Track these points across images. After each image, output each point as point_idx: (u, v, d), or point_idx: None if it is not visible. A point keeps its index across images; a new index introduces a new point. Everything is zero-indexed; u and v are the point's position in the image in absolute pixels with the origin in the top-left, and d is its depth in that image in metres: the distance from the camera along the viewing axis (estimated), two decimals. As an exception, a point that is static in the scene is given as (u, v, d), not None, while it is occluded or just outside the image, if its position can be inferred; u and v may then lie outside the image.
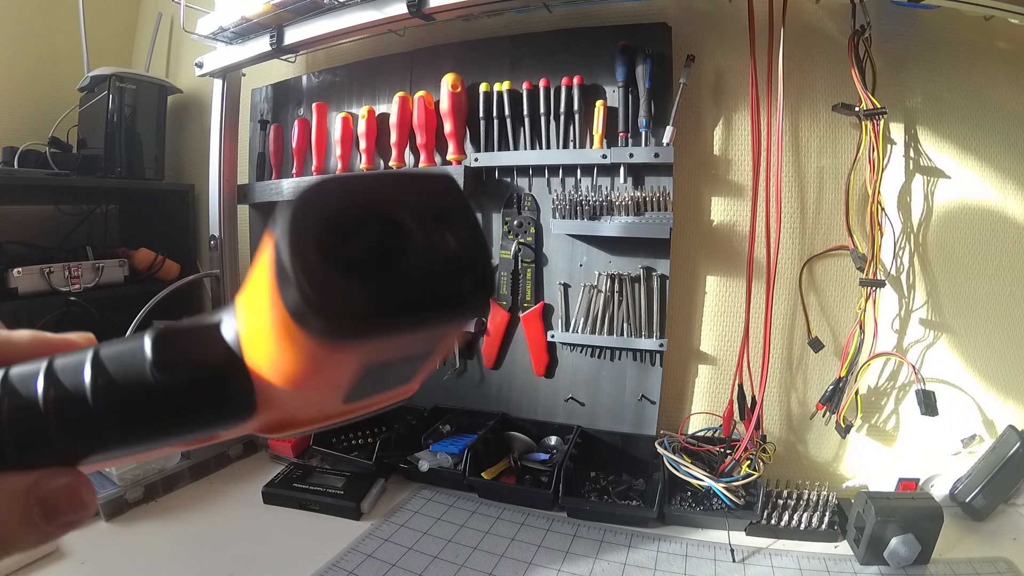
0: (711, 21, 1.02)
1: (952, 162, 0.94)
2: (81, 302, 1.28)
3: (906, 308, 0.98)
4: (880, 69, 0.92)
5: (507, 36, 1.12)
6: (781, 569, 0.77)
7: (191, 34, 1.21)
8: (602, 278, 1.05)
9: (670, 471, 0.92)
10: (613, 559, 0.80)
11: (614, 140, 1.02)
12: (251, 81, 1.37)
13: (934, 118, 0.95)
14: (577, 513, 0.91)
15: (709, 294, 1.07)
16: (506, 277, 1.12)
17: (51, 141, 1.38)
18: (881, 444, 1.01)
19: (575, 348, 1.10)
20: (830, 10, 0.96)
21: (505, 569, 0.78)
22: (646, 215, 1.00)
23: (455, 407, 1.19)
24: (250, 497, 0.95)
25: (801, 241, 1.01)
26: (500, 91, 1.07)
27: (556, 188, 1.07)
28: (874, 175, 0.90)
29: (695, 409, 1.09)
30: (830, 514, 0.84)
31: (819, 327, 1.00)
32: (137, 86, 1.40)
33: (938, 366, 0.97)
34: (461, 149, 1.12)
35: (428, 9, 0.96)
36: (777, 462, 0.99)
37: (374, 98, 1.23)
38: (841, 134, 0.98)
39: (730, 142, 1.03)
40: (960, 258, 0.95)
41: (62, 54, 1.53)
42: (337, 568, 0.77)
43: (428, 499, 0.96)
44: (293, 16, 1.11)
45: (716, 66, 1.02)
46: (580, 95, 1.02)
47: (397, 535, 0.85)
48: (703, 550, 0.82)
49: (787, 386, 1.04)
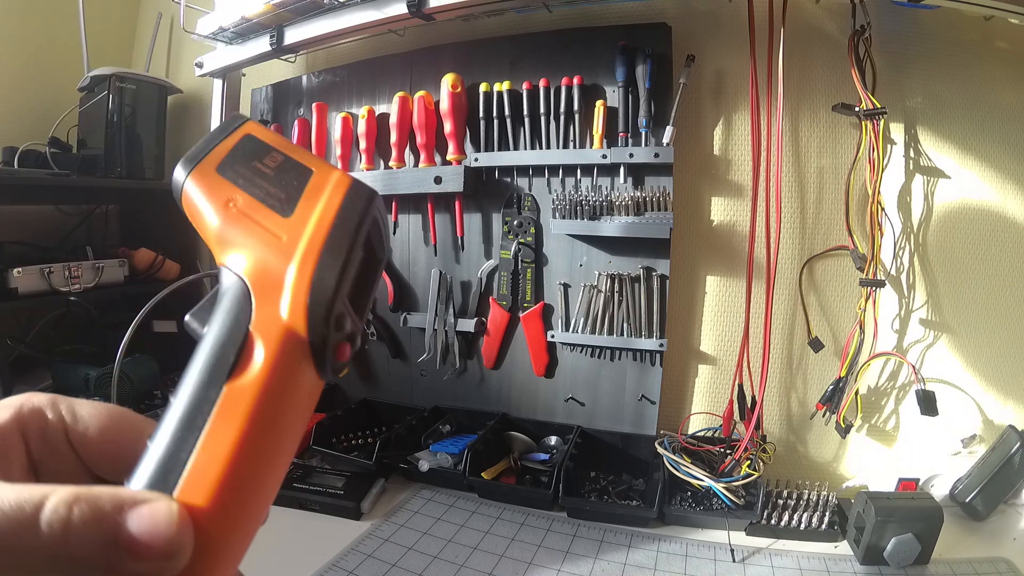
0: (711, 21, 1.02)
1: (952, 162, 0.94)
2: (81, 302, 1.28)
3: (906, 308, 0.98)
4: (880, 69, 0.92)
5: (507, 36, 1.12)
6: (781, 569, 0.77)
7: (191, 34, 1.21)
8: (602, 278, 1.05)
9: (670, 471, 0.92)
10: (613, 559, 0.80)
11: (614, 140, 1.02)
12: (251, 81, 1.37)
13: (934, 118, 0.95)
14: (577, 513, 0.91)
15: (709, 294, 1.07)
16: (506, 277, 1.12)
17: (51, 141, 1.38)
18: (881, 444, 1.01)
19: (575, 348, 1.10)
20: (830, 10, 0.96)
21: (505, 569, 0.78)
22: (646, 215, 1.00)
23: (455, 407, 1.19)
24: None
25: (801, 241, 1.01)
26: (500, 91, 1.07)
27: (556, 188, 1.07)
28: (874, 175, 0.90)
29: (695, 409, 1.09)
30: (830, 514, 0.84)
31: (819, 327, 1.00)
32: (137, 86, 1.40)
33: (938, 366, 0.97)
34: (461, 149, 1.12)
35: (428, 9, 0.96)
36: (777, 462, 0.99)
37: (374, 98, 1.23)
38: (841, 134, 0.98)
39: (730, 142, 1.03)
40: (960, 258, 0.95)
41: (62, 54, 1.53)
42: (337, 568, 0.77)
43: (428, 499, 0.96)
44: (293, 16, 1.11)
45: (716, 66, 1.02)
46: (580, 95, 1.02)
47: (397, 535, 0.85)
48: (703, 550, 0.82)
49: (787, 386, 1.04)
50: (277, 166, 0.25)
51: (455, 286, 1.17)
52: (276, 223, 0.23)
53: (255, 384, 0.20)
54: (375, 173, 1.19)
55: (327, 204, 0.24)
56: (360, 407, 1.23)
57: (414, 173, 1.14)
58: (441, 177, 1.09)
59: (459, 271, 1.17)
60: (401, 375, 1.26)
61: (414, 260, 1.21)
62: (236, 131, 0.25)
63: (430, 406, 1.19)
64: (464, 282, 1.17)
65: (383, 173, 1.18)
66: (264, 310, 0.21)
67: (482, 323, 1.15)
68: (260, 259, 0.22)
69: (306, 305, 0.21)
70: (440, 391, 1.21)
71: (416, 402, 1.23)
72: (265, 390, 0.20)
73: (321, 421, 1.09)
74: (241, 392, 0.20)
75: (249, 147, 0.25)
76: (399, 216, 1.20)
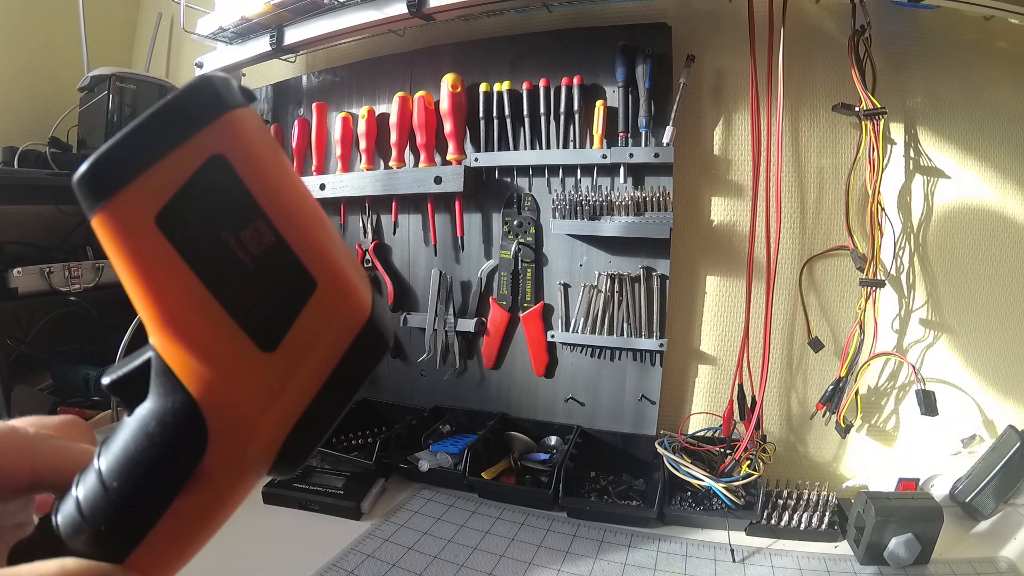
0: (711, 21, 1.02)
1: (952, 162, 0.94)
2: (81, 302, 1.27)
3: (906, 308, 0.98)
4: (880, 69, 0.92)
5: (507, 36, 1.12)
6: (781, 569, 0.77)
7: (191, 34, 1.21)
8: (602, 278, 1.05)
9: (670, 471, 0.92)
10: (613, 559, 0.80)
11: (614, 140, 1.02)
12: (251, 81, 1.38)
13: (934, 118, 0.94)
14: (577, 513, 0.91)
15: (709, 294, 1.07)
16: (506, 277, 1.12)
17: (51, 141, 1.38)
18: (881, 444, 1.01)
19: (575, 348, 1.10)
20: (830, 10, 0.96)
21: (505, 569, 0.78)
22: (646, 215, 1.00)
23: (455, 407, 1.19)
24: (250, 497, 0.94)
25: (801, 241, 1.01)
26: (500, 91, 1.07)
27: (556, 188, 1.07)
28: (874, 175, 0.90)
29: (695, 409, 1.09)
30: (830, 514, 0.84)
31: (819, 327, 1.00)
32: (137, 86, 1.40)
33: (938, 366, 0.97)
34: (461, 149, 1.12)
35: (428, 9, 0.96)
36: (777, 462, 0.99)
37: (374, 98, 1.23)
38: (841, 134, 0.98)
39: (730, 142, 1.03)
40: (960, 258, 0.95)
41: (62, 54, 1.53)
42: (337, 568, 0.77)
43: (428, 499, 0.96)
44: (293, 16, 1.11)
45: (716, 66, 1.02)
46: (580, 95, 1.02)
47: (397, 535, 0.85)
48: (703, 550, 0.82)
49: (787, 386, 1.04)
50: (262, 254, 0.16)
51: (455, 286, 1.17)
52: (249, 354, 0.17)
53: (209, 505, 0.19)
54: (375, 173, 1.19)
55: (328, 351, 0.17)
56: (360, 407, 1.23)
57: (414, 173, 1.14)
58: (441, 177, 1.09)
59: (459, 271, 1.17)
60: (401, 375, 1.26)
61: (414, 260, 1.21)
62: (202, 135, 0.15)
63: (430, 406, 1.19)
64: (464, 282, 1.17)
65: (383, 173, 1.18)
66: (223, 453, 0.18)
67: (482, 323, 1.15)
68: (223, 394, 0.17)
69: (277, 455, 0.18)
70: (440, 391, 1.21)
71: (416, 402, 1.23)
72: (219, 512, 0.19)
73: (321, 421, 1.09)
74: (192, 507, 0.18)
75: (220, 189, 0.15)
76: (399, 216, 1.20)
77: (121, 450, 0.18)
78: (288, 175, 0.17)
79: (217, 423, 0.17)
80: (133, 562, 0.18)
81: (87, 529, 0.18)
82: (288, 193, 0.17)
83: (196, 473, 0.17)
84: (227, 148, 0.15)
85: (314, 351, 0.17)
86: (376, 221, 1.23)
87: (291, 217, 0.16)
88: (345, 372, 0.17)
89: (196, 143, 0.15)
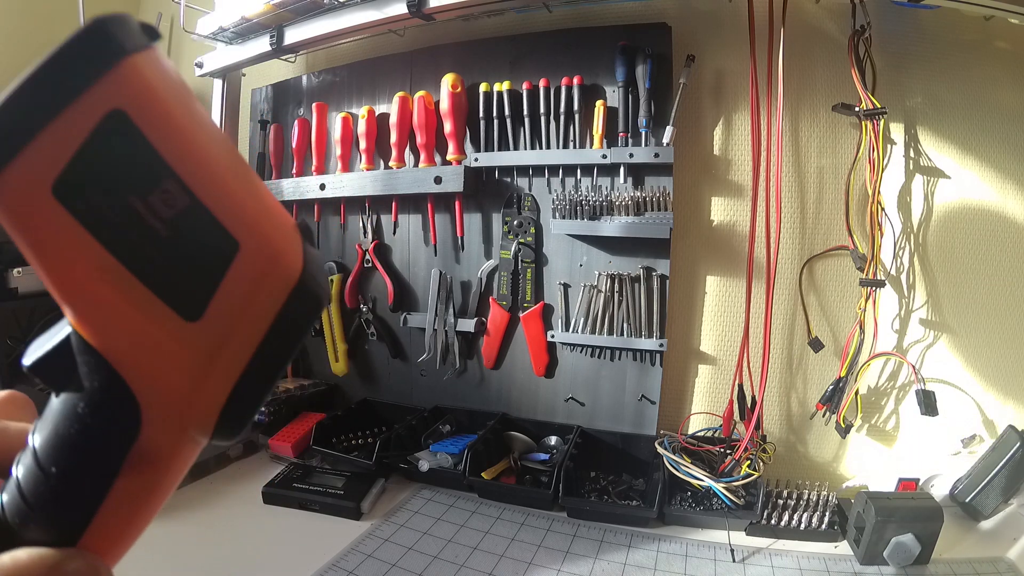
0: (711, 21, 1.02)
1: (952, 162, 0.94)
2: (81, 302, 1.27)
3: (906, 308, 0.98)
4: (880, 69, 0.92)
5: (507, 36, 1.12)
6: (781, 569, 0.77)
7: (191, 34, 1.21)
8: (602, 278, 1.05)
9: (670, 471, 0.92)
10: (613, 559, 0.80)
11: (614, 140, 1.02)
12: (251, 81, 1.37)
13: (934, 118, 0.95)
14: (577, 513, 0.91)
15: (709, 294, 1.07)
16: (506, 277, 1.12)
17: (51, 141, 1.38)
18: (881, 444, 1.01)
19: (575, 348, 1.10)
20: (830, 10, 0.96)
21: (505, 569, 0.78)
22: (646, 215, 1.00)
23: (455, 407, 1.19)
24: (250, 497, 0.95)
25: (801, 241, 1.01)
26: (500, 91, 1.07)
27: (556, 188, 1.07)
28: (874, 175, 0.90)
29: (695, 409, 1.09)
30: (830, 514, 0.84)
31: (819, 327, 1.00)
32: (137, 86, 1.40)
33: (938, 366, 0.97)
34: (461, 149, 1.12)
35: (428, 9, 0.96)
36: (777, 462, 0.99)
37: (374, 98, 1.23)
38: (841, 134, 0.98)
39: (730, 142, 1.03)
40: (960, 258, 0.95)
41: (62, 54, 1.52)
42: (337, 568, 0.77)
43: (428, 499, 0.96)
44: (293, 16, 1.11)
45: (716, 66, 1.02)
46: (580, 95, 1.02)
47: (397, 535, 0.85)
48: (703, 550, 0.82)
49: (787, 386, 1.04)
50: (175, 217, 0.14)
51: (455, 286, 1.17)
52: (172, 325, 0.16)
53: (154, 479, 0.19)
54: (375, 173, 1.19)
55: (258, 314, 0.16)
56: (360, 407, 1.23)
57: (414, 173, 1.14)
58: (441, 177, 1.09)
59: (459, 271, 1.17)
60: (401, 375, 1.26)
61: (414, 260, 1.21)
62: (95, 89, 0.13)
63: (430, 406, 1.19)
64: (464, 282, 1.17)
65: (383, 173, 1.18)
66: (160, 427, 0.17)
67: (482, 323, 1.15)
68: (151, 368, 0.16)
69: (216, 423, 0.18)
70: (440, 391, 1.21)
71: (416, 402, 1.23)
72: (165, 484, 0.19)
73: (321, 421, 1.09)
74: (137, 483, 0.18)
75: (122, 149, 0.14)
76: (399, 216, 1.20)
77: (54, 433, 0.17)
78: (202, 126, 0.15)
79: (148, 398, 0.16)
80: (87, 543, 0.18)
81: (32, 516, 0.17)
82: (202, 147, 0.15)
83: (134, 449, 0.17)
84: (126, 101, 0.14)
85: (243, 316, 0.16)
86: (376, 221, 1.23)
87: (206, 174, 0.15)
88: (278, 334, 0.17)
89: (89, 99, 0.13)
